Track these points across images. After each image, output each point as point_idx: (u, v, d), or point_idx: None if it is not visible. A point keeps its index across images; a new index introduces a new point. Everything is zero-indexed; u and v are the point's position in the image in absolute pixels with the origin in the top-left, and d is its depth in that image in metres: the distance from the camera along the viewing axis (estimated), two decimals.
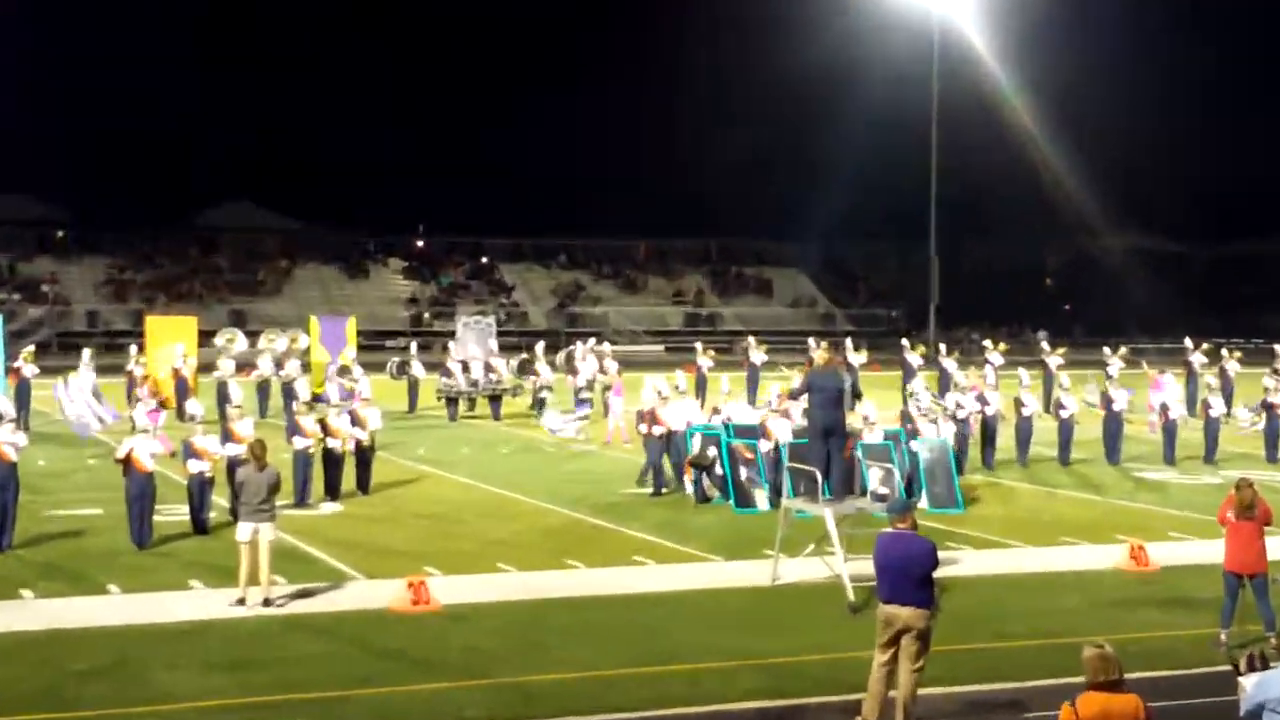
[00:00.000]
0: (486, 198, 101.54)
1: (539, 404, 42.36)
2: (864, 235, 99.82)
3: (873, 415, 28.91)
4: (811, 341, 48.59)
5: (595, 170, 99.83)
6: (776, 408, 29.41)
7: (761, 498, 28.30)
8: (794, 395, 23.31)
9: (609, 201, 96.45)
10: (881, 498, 22.00)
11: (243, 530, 20.21)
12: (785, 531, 21.79)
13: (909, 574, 15.24)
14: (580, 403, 38.99)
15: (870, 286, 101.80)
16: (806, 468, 21.29)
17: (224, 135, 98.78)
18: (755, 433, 29.18)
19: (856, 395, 22.15)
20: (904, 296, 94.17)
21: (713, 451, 28.33)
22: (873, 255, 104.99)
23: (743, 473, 27.92)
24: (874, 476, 23.84)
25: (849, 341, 51.01)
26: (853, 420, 24.02)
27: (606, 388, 41.39)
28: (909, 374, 44.58)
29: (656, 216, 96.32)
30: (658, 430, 29.12)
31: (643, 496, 29.42)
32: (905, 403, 36.43)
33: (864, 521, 21.59)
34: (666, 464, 29.86)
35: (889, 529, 15.40)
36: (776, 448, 26.76)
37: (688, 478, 28.86)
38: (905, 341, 50.07)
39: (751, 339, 50.95)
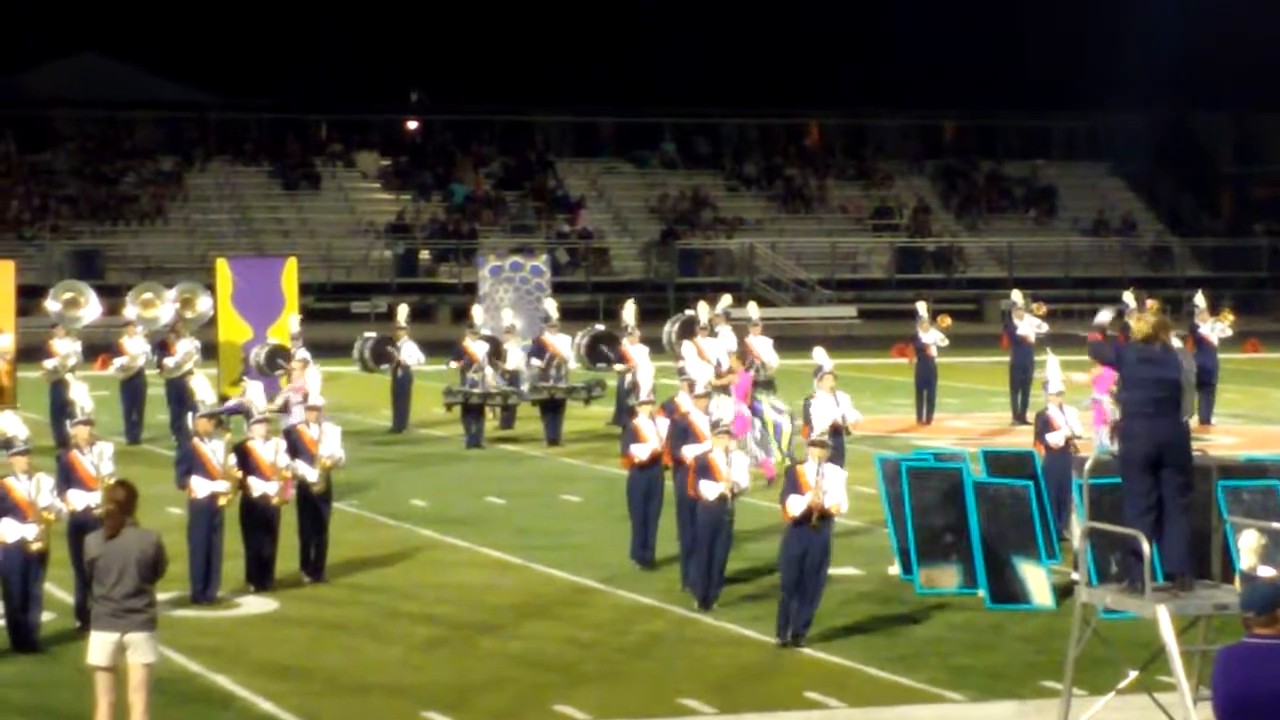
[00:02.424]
0: (532, 42, 70.63)
1: (627, 413, 31.73)
2: (1224, 104, 70.39)
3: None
4: (1127, 297, 35.93)
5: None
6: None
7: (1037, 581, 22.11)
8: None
9: (753, 49, 68.38)
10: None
11: (98, 646, 16.28)
12: (1082, 648, 17.25)
13: None
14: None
15: (1242, 199, 75.06)
16: (1119, 528, 17.08)
17: None
18: (1023, 466, 23.86)
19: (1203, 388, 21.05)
20: None
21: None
22: (1241, 140, 74.63)
23: (996, 534, 22.43)
24: (1248, 545, 17.70)
25: (1200, 298, 38.02)
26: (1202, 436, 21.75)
27: (765, 383, 31.16)
28: None
29: (837, 75, 67.61)
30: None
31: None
32: None
33: (1231, 629, 16.47)
34: None
35: (1245, 638, 11.69)
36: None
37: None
38: None
39: (1018, 295, 38.88)
